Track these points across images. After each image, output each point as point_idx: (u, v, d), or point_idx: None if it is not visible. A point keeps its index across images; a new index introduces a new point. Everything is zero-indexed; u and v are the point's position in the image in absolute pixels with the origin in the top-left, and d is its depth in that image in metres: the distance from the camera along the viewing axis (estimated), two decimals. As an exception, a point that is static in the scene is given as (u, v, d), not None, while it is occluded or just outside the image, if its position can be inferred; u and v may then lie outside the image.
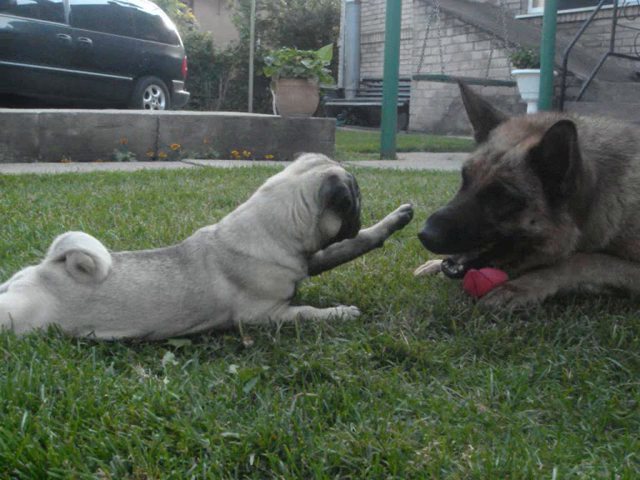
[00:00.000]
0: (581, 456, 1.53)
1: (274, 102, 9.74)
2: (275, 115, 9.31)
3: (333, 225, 2.33)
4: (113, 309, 2.10)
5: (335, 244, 2.50)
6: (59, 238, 2.19)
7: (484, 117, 2.84)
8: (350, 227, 2.39)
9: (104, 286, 2.12)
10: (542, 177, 2.51)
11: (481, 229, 2.56)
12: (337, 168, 2.35)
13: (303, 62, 8.46)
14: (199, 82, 24.03)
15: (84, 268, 2.10)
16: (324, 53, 9.02)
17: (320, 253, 2.51)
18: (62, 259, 2.13)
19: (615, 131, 2.74)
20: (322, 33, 24.48)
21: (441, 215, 2.61)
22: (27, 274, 2.14)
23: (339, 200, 2.26)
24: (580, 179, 2.50)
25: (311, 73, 8.48)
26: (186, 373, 1.88)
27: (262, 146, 8.62)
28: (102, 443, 1.46)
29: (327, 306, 2.46)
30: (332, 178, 2.27)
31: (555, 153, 2.45)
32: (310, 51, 8.79)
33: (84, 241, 2.15)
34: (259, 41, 24.91)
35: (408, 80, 16.49)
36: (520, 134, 2.63)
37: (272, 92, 9.75)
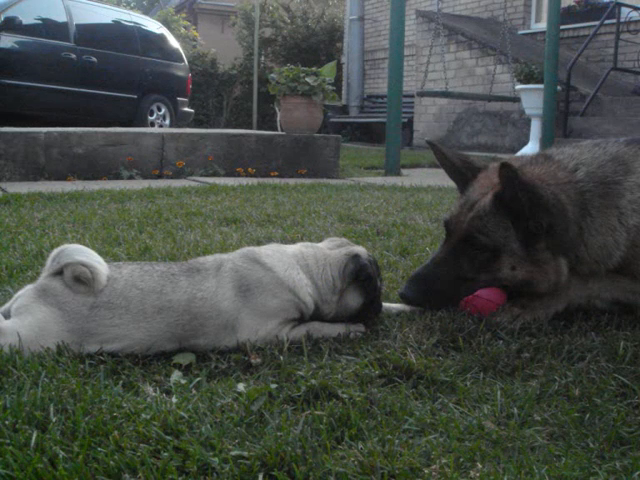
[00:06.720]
0: (589, 474, 1.53)
1: (278, 119, 9.74)
2: (280, 132, 9.32)
3: (354, 302, 2.42)
4: (117, 314, 2.11)
5: None
6: (55, 251, 2.20)
7: (463, 169, 2.82)
8: (371, 305, 2.46)
9: (106, 292, 2.13)
10: (512, 220, 2.52)
11: (458, 284, 2.58)
12: (359, 248, 2.49)
13: (307, 79, 8.49)
14: (203, 99, 24.14)
15: (81, 280, 2.10)
16: (328, 70, 9.04)
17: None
18: (59, 272, 2.13)
19: (602, 158, 2.71)
20: (326, 50, 24.57)
21: (418, 273, 2.68)
22: (25, 293, 2.14)
23: (363, 276, 2.38)
24: (546, 213, 2.49)
25: (315, 90, 8.50)
26: (194, 392, 1.89)
27: (267, 163, 8.64)
28: (111, 462, 1.47)
29: None
30: (355, 257, 2.41)
31: (514, 194, 2.47)
32: (314, 68, 8.81)
33: (80, 253, 2.16)
34: (263, 58, 25.01)
35: (412, 96, 16.53)
36: (494, 181, 2.61)
37: (276, 109, 9.73)
